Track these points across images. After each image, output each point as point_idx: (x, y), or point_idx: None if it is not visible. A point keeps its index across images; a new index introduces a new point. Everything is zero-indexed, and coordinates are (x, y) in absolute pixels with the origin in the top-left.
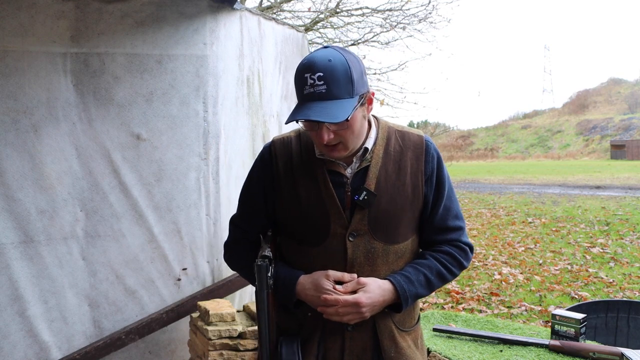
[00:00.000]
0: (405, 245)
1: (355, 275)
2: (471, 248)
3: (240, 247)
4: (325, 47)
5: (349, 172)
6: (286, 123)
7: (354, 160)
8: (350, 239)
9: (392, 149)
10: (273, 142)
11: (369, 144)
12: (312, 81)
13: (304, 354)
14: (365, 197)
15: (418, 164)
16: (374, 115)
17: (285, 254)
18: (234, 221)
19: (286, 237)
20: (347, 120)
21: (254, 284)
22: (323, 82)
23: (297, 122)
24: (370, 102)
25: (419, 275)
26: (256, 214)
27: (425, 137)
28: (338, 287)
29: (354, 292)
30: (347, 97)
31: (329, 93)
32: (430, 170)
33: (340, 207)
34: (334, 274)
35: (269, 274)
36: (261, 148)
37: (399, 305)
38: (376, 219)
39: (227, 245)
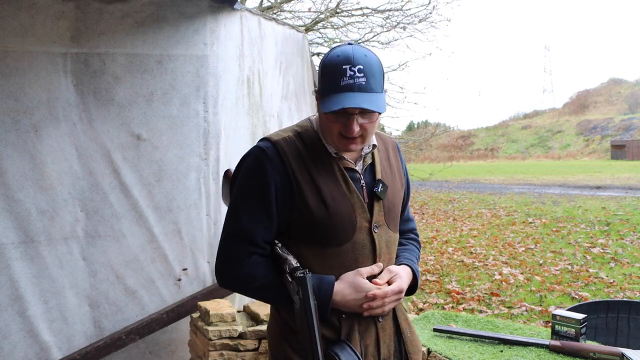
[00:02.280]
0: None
1: (381, 265)
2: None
3: (254, 264)
4: (349, 43)
5: (359, 167)
6: (327, 112)
7: (361, 156)
8: (375, 230)
9: (380, 147)
10: (276, 142)
11: (375, 141)
12: (352, 72)
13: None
14: (382, 189)
15: (398, 161)
16: None
17: (304, 262)
18: (238, 234)
19: (305, 242)
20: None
21: (273, 302)
22: (363, 74)
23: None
24: None
25: (414, 260)
26: (269, 223)
27: (392, 139)
28: (376, 280)
29: (389, 281)
30: (380, 91)
31: (367, 85)
32: (404, 167)
33: (363, 201)
34: (365, 270)
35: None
36: None
37: (413, 287)
38: (389, 210)
39: (228, 264)
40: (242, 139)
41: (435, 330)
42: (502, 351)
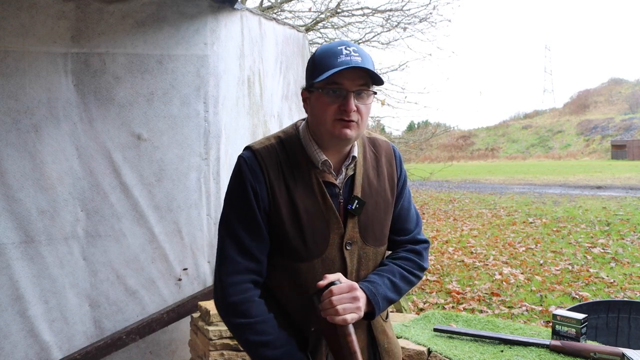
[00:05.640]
0: (386, 245)
1: None
2: (427, 243)
3: (260, 301)
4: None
5: (339, 181)
6: (327, 76)
7: (342, 169)
8: (347, 247)
9: (368, 156)
10: (256, 151)
11: (355, 152)
12: (347, 52)
13: None
14: (357, 205)
15: (392, 168)
16: None
17: (277, 276)
18: (242, 252)
19: (277, 255)
20: (374, 93)
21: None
22: (358, 54)
23: (322, 90)
24: None
25: (384, 279)
26: (265, 238)
27: (390, 142)
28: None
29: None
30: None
31: (363, 64)
32: (400, 173)
33: (339, 217)
34: None
35: None
36: None
37: (372, 312)
38: (365, 225)
39: (241, 301)
40: (243, 138)
41: (435, 330)
42: (502, 351)
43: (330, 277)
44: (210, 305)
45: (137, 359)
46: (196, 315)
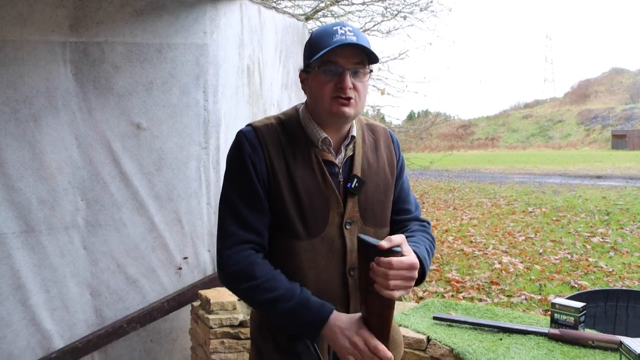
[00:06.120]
0: (388, 228)
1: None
2: (429, 223)
3: (264, 261)
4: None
5: (338, 161)
6: (323, 53)
7: (341, 149)
8: (346, 227)
9: (367, 139)
10: (257, 127)
11: (354, 133)
12: (342, 31)
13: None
14: (357, 184)
15: (390, 152)
16: None
17: (277, 253)
18: (243, 226)
19: (277, 232)
20: (370, 71)
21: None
22: (353, 33)
23: (319, 69)
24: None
25: (421, 246)
26: (265, 211)
27: (387, 128)
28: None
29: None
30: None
31: (358, 42)
32: (399, 158)
33: (339, 196)
34: (370, 342)
35: None
36: None
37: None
38: (365, 205)
39: (243, 266)
40: None
41: (435, 318)
42: (501, 339)
43: (394, 240)
44: (210, 293)
45: (138, 347)
46: (196, 303)
